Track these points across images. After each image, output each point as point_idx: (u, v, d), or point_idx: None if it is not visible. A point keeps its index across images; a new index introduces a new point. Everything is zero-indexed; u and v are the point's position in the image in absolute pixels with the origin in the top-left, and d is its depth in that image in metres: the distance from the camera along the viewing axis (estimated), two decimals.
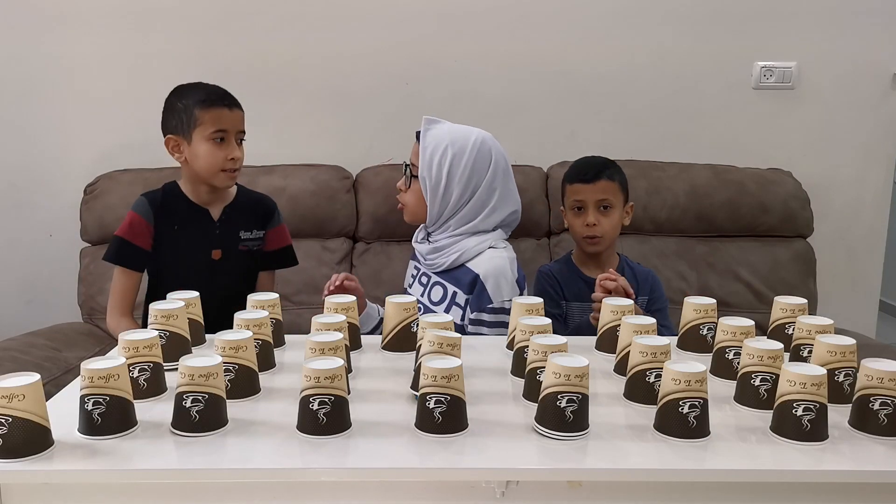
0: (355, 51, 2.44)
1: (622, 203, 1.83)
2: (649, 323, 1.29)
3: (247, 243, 1.83)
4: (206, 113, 1.69)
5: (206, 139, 1.70)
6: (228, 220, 1.80)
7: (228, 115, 1.72)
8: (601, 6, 2.45)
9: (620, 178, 1.83)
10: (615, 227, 1.82)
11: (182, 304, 1.31)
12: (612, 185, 1.81)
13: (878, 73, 2.52)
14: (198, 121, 1.69)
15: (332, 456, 1.00)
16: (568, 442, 1.03)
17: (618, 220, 1.83)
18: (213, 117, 1.70)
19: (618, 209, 1.82)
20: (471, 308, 1.69)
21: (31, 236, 2.48)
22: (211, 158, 1.71)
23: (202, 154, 1.70)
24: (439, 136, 1.72)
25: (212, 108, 1.70)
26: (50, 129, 2.43)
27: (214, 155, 1.71)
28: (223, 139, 1.71)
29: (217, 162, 1.71)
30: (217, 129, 1.70)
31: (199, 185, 1.77)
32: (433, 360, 1.07)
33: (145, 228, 1.75)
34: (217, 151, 1.71)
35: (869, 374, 1.07)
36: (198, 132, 1.70)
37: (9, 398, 0.95)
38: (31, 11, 2.37)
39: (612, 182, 1.81)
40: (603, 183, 1.80)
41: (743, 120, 2.54)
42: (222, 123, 1.71)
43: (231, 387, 1.14)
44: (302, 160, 2.41)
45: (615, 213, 1.81)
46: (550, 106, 2.50)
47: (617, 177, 1.83)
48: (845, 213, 2.60)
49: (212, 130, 1.70)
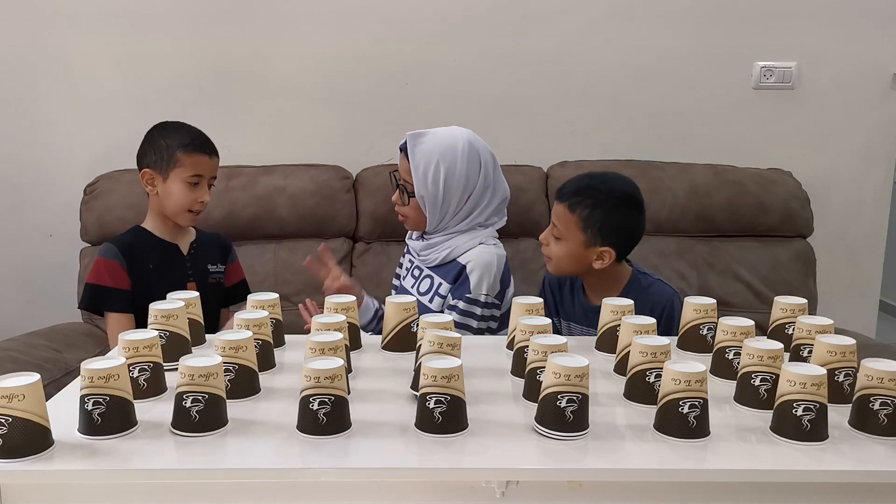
0: (355, 51, 2.44)
1: (581, 241, 1.59)
2: (649, 323, 1.29)
3: (214, 276, 1.90)
4: (188, 157, 1.76)
5: (182, 181, 1.76)
6: (197, 254, 1.88)
7: (207, 162, 1.79)
8: (601, 6, 2.45)
9: (587, 214, 1.58)
10: (561, 258, 1.62)
11: (182, 304, 1.31)
12: (568, 217, 1.60)
13: (878, 73, 2.52)
14: (178, 162, 1.76)
15: (332, 456, 1.00)
16: (568, 442, 1.03)
17: (567, 252, 1.61)
18: (193, 162, 1.76)
19: (568, 243, 1.61)
20: (451, 295, 1.75)
21: (31, 236, 2.48)
22: (182, 199, 1.77)
23: (175, 193, 1.77)
24: (428, 151, 1.73)
25: (194, 154, 1.77)
26: (50, 129, 2.43)
27: (186, 196, 1.77)
28: (197, 183, 1.78)
29: (187, 203, 1.78)
30: (195, 173, 1.77)
31: (165, 221, 1.83)
32: (433, 360, 1.07)
33: (118, 269, 1.78)
34: (189, 193, 1.77)
35: (869, 374, 1.07)
36: (176, 172, 1.76)
37: (9, 398, 0.95)
38: (32, 11, 2.36)
39: (569, 213, 1.60)
40: (559, 208, 1.62)
41: (743, 120, 2.54)
42: (200, 169, 1.78)
43: (231, 387, 1.14)
44: (302, 160, 2.41)
45: (564, 244, 1.61)
46: (550, 106, 2.50)
47: (581, 210, 1.58)
48: (845, 213, 2.60)
49: (190, 174, 1.76)
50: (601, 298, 1.44)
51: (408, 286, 1.85)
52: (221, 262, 1.93)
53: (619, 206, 1.61)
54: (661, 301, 1.64)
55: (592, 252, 1.60)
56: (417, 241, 1.84)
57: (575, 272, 1.68)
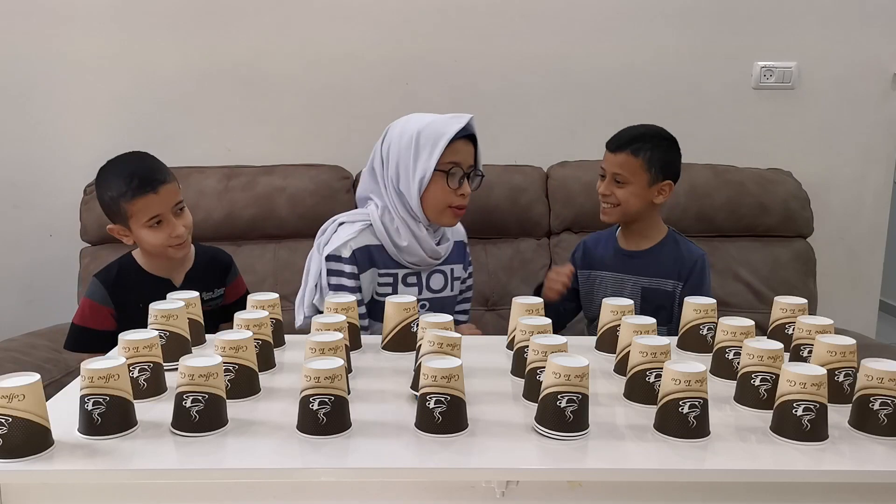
0: (355, 51, 2.44)
1: (645, 181, 1.74)
2: (649, 323, 1.29)
3: (209, 303, 1.74)
4: (133, 205, 1.61)
5: (144, 227, 1.62)
6: (190, 286, 1.68)
7: (156, 200, 1.62)
8: (601, 6, 2.45)
9: (650, 156, 1.74)
10: (629, 200, 1.75)
11: (182, 304, 1.31)
12: (632, 161, 1.73)
13: (878, 73, 2.52)
14: (128, 213, 1.62)
15: (332, 456, 1.00)
16: (568, 442, 1.03)
17: (634, 194, 1.75)
18: (140, 207, 1.61)
19: (635, 185, 1.74)
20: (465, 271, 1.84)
21: (31, 236, 2.48)
22: (154, 241, 1.64)
23: (145, 239, 1.64)
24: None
25: (137, 199, 1.61)
26: (50, 128, 2.43)
27: (157, 237, 1.63)
28: (160, 221, 1.63)
29: (161, 243, 1.64)
30: (150, 217, 1.62)
31: (156, 258, 1.70)
32: (433, 360, 1.07)
33: (103, 312, 1.67)
34: (158, 234, 1.63)
35: (869, 374, 1.07)
36: (133, 222, 1.63)
37: (9, 398, 0.95)
38: (32, 11, 2.36)
39: (633, 157, 1.73)
40: (622, 156, 1.74)
41: (743, 120, 2.54)
42: (153, 210, 1.62)
43: (231, 387, 1.14)
44: (302, 160, 2.41)
45: (630, 188, 1.75)
46: (550, 106, 2.50)
47: (644, 154, 1.74)
48: (845, 213, 2.60)
49: (145, 219, 1.62)
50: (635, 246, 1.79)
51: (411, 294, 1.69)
52: (220, 285, 1.79)
53: (670, 145, 1.80)
54: (692, 256, 1.80)
55: (655, 189, 1.77)
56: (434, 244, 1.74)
57: (639, 212, 1.79)
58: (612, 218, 1.80)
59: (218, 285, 1.79)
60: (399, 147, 1.69)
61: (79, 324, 1.68)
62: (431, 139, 1.66)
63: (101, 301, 1.67)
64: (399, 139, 1.69)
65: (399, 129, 1.72)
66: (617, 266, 1.82)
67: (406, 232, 1.70)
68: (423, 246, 1.72)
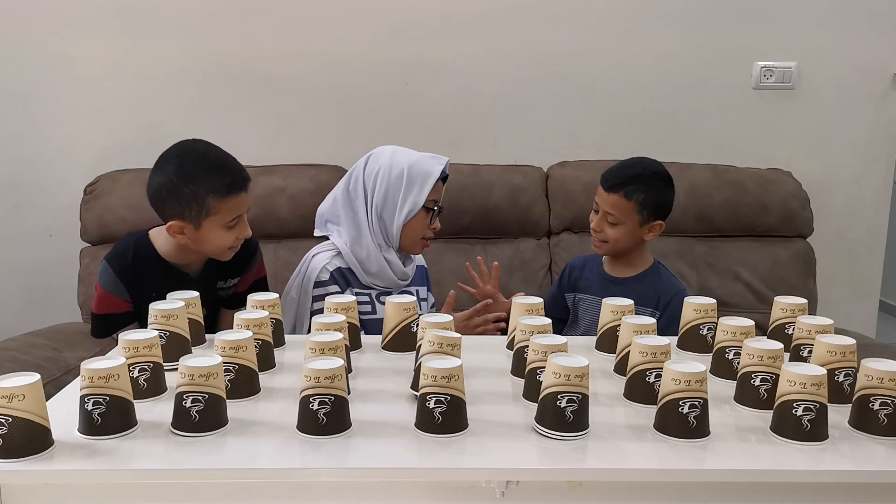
0: (355, 51, 2.44)
1: (636, 222, 1.76)
2: (649, 323, 1.29)
3: (221, 292, 1.71)
4: (224, 203, 1.51)
5: (220, 227, 1.53)
6: (207, 276, 1.66)
7: (245, 198, 1.55)
8: (602, 6, 2.45)
9: (643, 199, 1.75)
10: (619, 240, 1.78)
11: (182, 304, 1.31)
12: (624, 204, 1.75)
13: (878, 73, 2.52)
14: (212, 210, 1.51)
15: (332, 456, 1.00)
16: (568, 442, 1.04)
17: (625, 233, 1.77)
18: (231, 206, 1.52)
19: (626, 225, 1.76)
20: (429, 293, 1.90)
21: (31, 236, 2.48)
22: (222, 242, 1.55)
23: (213, 239, 1.54)
24: None
25: (230, 198, 1.52)
26: (50, 129, 2.43)
27: (226, 239, 1.55)
28: (237, 223, 1.56)
29: (227, 245, 1.57)
30: (234, 216, 1.54)
31: (189, 252, 1.60)
32: (433, 360, 1.07)
33: (120, 302, 1.62)
34: (230, 235, 1.55)
35: (869, 374, 1.07)
36: (211, 220, 1.52)
37: (9, 398, 0.95)
38: (32, 12, 2.36)
39: (625, 200, 1.75)
40: (615, 198, 1.75)
41: (743, 120, 2.54)
42: (240, 209, 1.54)
43: (231, 387, 1.14)
44: (302, 160, 2.41)
45: (622, 227, 1.77)
46: (550, 106, 2.50)
47: (637, 196, 1.74)
48: (845, 213, 2.60)
49: (228, 219, 1.53)
50: (619, 273, 1.82)
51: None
52: (238, 274, 1.71)
53: (663, 186, 1.81)
54: (673, 289, 1.81)
55: (646, 228, 1.79)
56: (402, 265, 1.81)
57: (629, 249, 1.82)
58: (601, 251, 1.84)
59: (233, 275, 1.72)
60: (389, 178, 1.75)
61: (99, 312, 1.66)
62: (420, 177, 1.75)
63: (116, 293, 1.62)
64: (389, 170, 1.76)
65: (387, 161, 1.77)
66: (600, 291, 1.81)
67: (377, 257, 1.77)
68: (394, 269, 1.79)
